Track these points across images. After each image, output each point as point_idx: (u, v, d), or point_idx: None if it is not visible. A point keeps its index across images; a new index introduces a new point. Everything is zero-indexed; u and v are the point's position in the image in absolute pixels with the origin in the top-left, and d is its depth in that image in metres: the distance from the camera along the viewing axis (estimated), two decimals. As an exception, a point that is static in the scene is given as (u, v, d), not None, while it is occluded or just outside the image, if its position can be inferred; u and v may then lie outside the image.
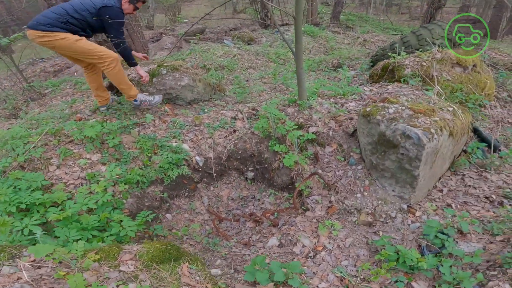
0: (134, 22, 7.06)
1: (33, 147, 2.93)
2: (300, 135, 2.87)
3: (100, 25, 3.02)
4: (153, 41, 11.02)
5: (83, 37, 3.00)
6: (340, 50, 7.90)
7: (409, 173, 2.43)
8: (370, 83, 4.18)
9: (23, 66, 9.96)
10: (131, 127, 3.31)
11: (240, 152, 3.39)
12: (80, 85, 6.50)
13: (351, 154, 2.90)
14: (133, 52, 3.58)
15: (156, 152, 3.17)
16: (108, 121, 3.33)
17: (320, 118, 3.13)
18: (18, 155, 2.81)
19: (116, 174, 2.71)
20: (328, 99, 3.57)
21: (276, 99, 3.91)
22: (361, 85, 4.20)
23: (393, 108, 2.57)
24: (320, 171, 2.85)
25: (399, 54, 4.08)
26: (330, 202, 2.73)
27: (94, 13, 2.94)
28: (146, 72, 3.80)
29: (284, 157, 2.86)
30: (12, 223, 2.05)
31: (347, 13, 13.49)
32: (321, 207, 2.73)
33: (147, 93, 3.69)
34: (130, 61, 3.29)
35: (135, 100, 3.49)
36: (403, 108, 2.57)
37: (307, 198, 2.82)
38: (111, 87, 3.98)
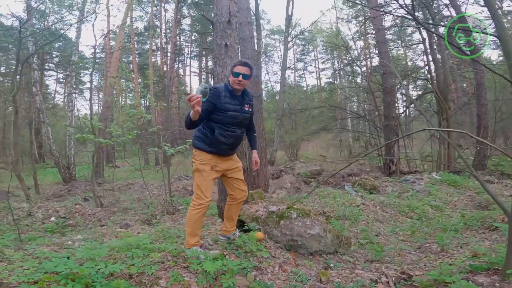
0: (263, 157, 7.17)
1: (151, 261, 2.77)
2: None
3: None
4: (273, 178, 11.31)
5: (206, 164, 2.92)
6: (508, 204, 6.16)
7: None
8: None
9: (172, 180, 11.66)
10: (248, 270, 2.88)
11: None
12: (208, 209, 6.81)
13: None
14: (254, 152, 3.30)
15: (268, 310, 2.54)
16: (227, 256, 3.03)
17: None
18: (134, 265, 2.66)
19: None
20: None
21: (449, 264, 2.95)
22: None
23: None
24: None
25: None
26: None
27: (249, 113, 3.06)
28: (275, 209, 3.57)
29: None
30: None
31: (495, 158, 10.90)
32: None
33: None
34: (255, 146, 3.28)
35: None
36: None
37: None
38: (240, 223, 3.78)
